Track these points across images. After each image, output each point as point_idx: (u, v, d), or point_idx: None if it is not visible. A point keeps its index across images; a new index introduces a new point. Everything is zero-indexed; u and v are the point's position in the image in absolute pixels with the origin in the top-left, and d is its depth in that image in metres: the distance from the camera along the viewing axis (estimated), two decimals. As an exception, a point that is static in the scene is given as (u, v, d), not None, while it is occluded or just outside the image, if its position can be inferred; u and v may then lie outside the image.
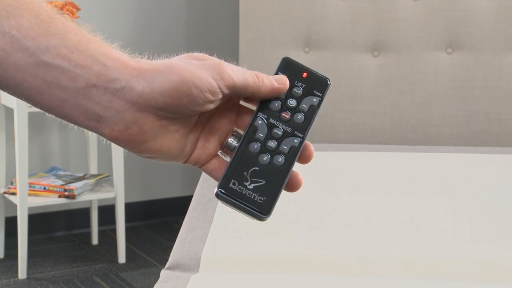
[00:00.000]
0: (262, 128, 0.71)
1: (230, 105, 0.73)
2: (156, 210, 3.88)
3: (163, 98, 0.66)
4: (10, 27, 0.64)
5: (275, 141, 0.71)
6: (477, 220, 1.91)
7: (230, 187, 0.69)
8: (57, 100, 0.66)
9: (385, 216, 1.93)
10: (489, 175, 2.23)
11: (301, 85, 0.74)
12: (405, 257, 1.72)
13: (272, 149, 0.71)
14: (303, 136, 0.72)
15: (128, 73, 0.66)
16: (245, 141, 0.71)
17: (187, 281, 1.61)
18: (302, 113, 0.73)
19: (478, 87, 2.93)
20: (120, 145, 0.69)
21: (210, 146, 0.72)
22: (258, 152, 0.70)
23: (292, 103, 0.73)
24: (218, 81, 0.68)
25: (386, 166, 2.32)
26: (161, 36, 3.74)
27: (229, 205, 0.69)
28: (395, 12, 2.94)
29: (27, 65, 0.65)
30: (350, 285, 1.61)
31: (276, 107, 0.72)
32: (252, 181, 0.69)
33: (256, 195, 0.69)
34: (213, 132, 0.73)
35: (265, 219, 0.68)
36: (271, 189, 0.69)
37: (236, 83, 0.69)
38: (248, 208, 0.68)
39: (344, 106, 2.97)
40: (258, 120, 0.72)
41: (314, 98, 0.74)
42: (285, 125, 0.72)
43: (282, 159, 0.70)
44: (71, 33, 0.66)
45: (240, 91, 0.70)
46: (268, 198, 0.69)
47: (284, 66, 0.75)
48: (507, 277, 1.65)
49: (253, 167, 0.70)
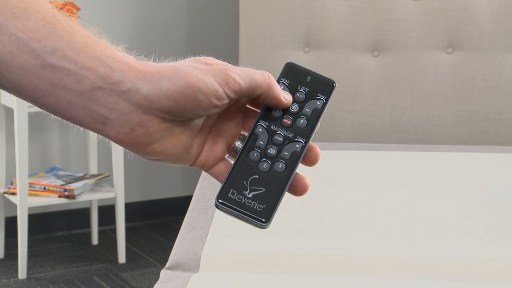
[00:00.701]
0: (262, 135, 0.71)
1: (238, 108, 0.73)
2: (156, 210, 3.88)
3: (168, 101, 0.66)
4: (16, 29, 0.64)
5: (275, 147, 0.71)
6: (478, 219, 1.91)
7: (229, 197, 0.68)
8: (62, 102, 0.66)
9: (385, 216, 1.93)
10: (489, 174, 2.23)
11: (304, 90, 0.73)
12: (405, 256, 1.72)
13: (272, 156, 0.70)
14: (306, 140, 0.71)
15: (134, 76, 0.66)
16: (245, 150, 0.70)
17: (187, 281, 1.61)
18: (305, 117, 0.72)
19: (478, 87, 2.93)
20: (126, 147, 0.69)
21: (217, 149, 0.72)
22: (258, 160, 0.70)
23: (294, 108, 0.72)
24: (223, 86, 0.68)
25: (386, 165, 2.33)
26: (161, 35, 3.74)
27: (229, 214, 0.69)
28: (395, 12, 2.94)
29: (33, 67, 0.65)
30: (350, 285, 1.61)
31: (277, 114, 0.72)
32: (252, 189, 0.69)
33: (255, 203, 0.68)
34: (220, 135, 0.72)
35: (265, 226, 0.68)
36: (271, 196, 0.69)
37: (242, 88, 0.69)
38: (247, 217, 0.68)
39: (344, 106, 2.97)
40: (258, 127, 0.71)
41: (318, 101, 0.73)
42: (287, 130, 0.71)
43: (282, 165, 0.70)
44: (77, 35, 0.66)
45: (248, 94, 0.70)
46: (268, 206, 0.68)
47: (287, 71, 0.74)
48: (507, 277, 1.65)
49: (253, 176, 0.70)
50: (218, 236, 1.81)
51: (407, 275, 1.65)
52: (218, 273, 1.66)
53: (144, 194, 3.85)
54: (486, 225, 1.88)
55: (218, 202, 0.68)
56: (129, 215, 3.69)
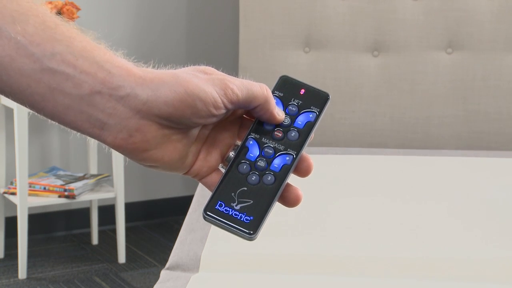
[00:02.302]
0: (252, 148, 0.71)
1: (233, 119, 0.73)
2: (156, 210, 3.87)
3: (166, 107, 0.66)
4: (15, 32, 0.64)
5: (265, 160, 0.71)
6: (478, 222, 1.91)
7: (216, 209, 0.69)
8: (60, 106, 0.66)
9: (384, 218, 1.93)
10: (489, 179, 2.22)
11: (297, 102, 0.73)
12: (405, 257, 1.72)
13: (262, 169, 0.70)
14: (297, 153, 0.71)
15: (133, 81, 0.66)
16: (235, 163, 0.71)
17: (187, 281, 1.61)
18: (296, 129, 0.72)
19: (478, 87, 2.93)
20: (123, 153, 0.69)
21: (212, 159, 0.72)
22: (247, 173, 0.70)
23: (286, 121, 0.72)
24: (221, 96, 0.68)
25: (385, 169, 2.32)
26: (161, 35, 3.74)
27: (216, 226, 0.69)
28: (395, 12, 2.94)
29: (32, 71, 0.65)
30: (350, 285, 1.61)
31: (269, 127, 0.72)
32: (239, 201, 0.69)
33: (242, 215, 0.68)
34: (215, 145, 0.72)
35: (252, 238, 0.68)
36: (258, 209, 0.69)
37: (240, 98, 0.69)
38: (233, 229, 0.68)
39: (344, 106, 2.97)
40: (249, 140, 0.71)
41: (311, 113, 0.73)
42: (278, 143, 0.71)
43: (272, 177, 0.70)
44: (76, 40, 0.66)
45: (245, 105, 0.70)
46: (255, 218, 0.68)
47: (281, 84, 0.74)
48: (507, 277, 1.65)
49: (241, 188, 0.70)
50: (218, 237, 1.81)
51: (407, 275, 1.65)
52: (218, 273, 1.66)
53: (144, 194, 3.85)
54: (486, 228, 1.88)
55: (206, 214, 0.69)
56: (129, 215, 3.68)
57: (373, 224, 1.90)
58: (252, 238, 0.68)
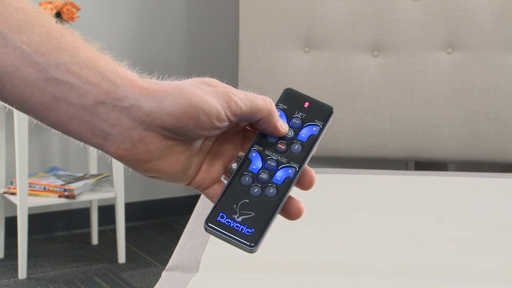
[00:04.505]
0: (255, 160, 0.71)
1: (236, 131, 0.73)
2: (156, 210, 3.88)
3: (170, 119, 0.66)
4: (21, 42, 0.64)
5: (268, 172, 0.71)
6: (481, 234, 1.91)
7: (218, 220, 0.69)
8: (64, 116, 0.66)
9: (385, 232, 1.92)
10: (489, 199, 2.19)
11: (301, 115, 0.73)
12: (406, 259, 1.72)
13: (264, 181, 0.70)
14: (300, 166, 0.71)
15: (137, 92, 0.66)
16: (238, 175, 0.71)
17: (187, 281, 1.61)
18: (300, 142, 0.72)
19: (478, 87, 2.93)
20: (126, 164, 0.69)
21: (214, 170, 0.72)
22: (249, 185, 0.70)
23: (289, 134, 0.72)
24: (225, 109, 0.68)
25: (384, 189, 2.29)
26: (162, 36, 3.74)
27: (218, 237, 0.69)
28: (395, 12, 2.94)
29: (37, 80, 0.65)
30: (350, 285, 1.61)
31: (272, 139, 0.72)
32: (241, 213, 0.69)
33: (244, 227, 0.69)
34: (218, 156, 0.72)
35: (253, 251, 0.69)
36: (260, 221, 0.69)
37: (243, 111, 0.69)
38: (234, 241, 0.68)
39: (344, 106, 2.97)
40: (252, 152, 0.71)
41: (314, 127, 0.73)
42: (281, 156, 0.71)
43: (274, 190, 0.70)
44: (81, 50, 0.66)
45: (249, 118, 0.70)
46: (256, 230, 0.69)
47: (285, 97, 0.75)
48: (507, 277, 1.65)
49: (243, 200, 0.70)
50: (219, 243, 1.80)
51: (407, 274, 1.65)
52: (218, 274, 1.66)
53: (144, 194, 3.85)
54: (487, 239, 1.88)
55: (207, 225, 0.69)
56: (129, 215, 3.69)
57: (373, 232, 1.90)
58: (253, 250, 0.69)
